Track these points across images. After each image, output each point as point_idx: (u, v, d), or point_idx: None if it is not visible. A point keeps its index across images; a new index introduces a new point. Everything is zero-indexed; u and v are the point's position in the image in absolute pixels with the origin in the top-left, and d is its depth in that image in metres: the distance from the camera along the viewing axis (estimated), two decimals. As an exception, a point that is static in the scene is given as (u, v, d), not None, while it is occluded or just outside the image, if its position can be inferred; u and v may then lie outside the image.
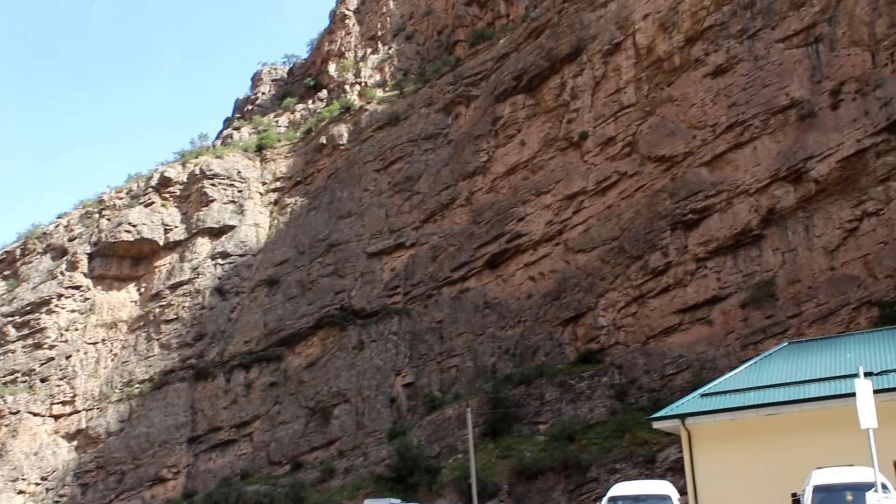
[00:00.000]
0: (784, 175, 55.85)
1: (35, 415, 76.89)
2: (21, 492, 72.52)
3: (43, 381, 78.79)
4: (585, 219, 66.14)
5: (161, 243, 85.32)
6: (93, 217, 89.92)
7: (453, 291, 71.66)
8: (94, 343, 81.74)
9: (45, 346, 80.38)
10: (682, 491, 29.65)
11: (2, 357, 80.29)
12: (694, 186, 59.93)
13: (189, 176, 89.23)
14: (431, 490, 52.22)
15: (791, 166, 55.56)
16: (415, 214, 77.57)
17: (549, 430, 54.92)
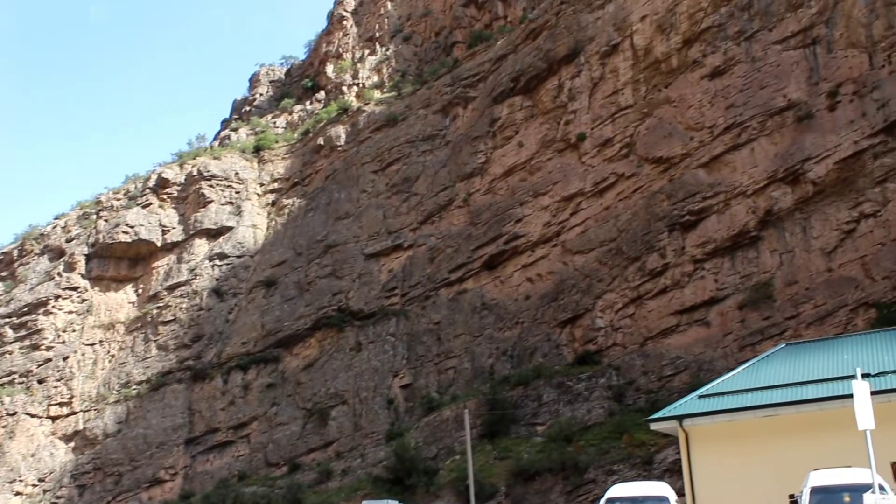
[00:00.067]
0: (781, 176, 55.89)
1: (32, 416, 76.80)
2: (18, 493, 72.43)
3: (40, 382, 78.73)
4: (583, 220, 66.15)
5: (158, 244, 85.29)
6: (90, 218, 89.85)
7: (451, 293, 71.64)
8: (92, 344, 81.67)
9: (43, 347, 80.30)
10: (680, 492, 29.67)
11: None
12: (691, 188, 59.96)
13: (187, 177, 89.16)
14: (429, 491, 52.22)
15: (788, 168, 55.61)
16: (412, 216, 77.53)
17: (547, 431, 54.92)
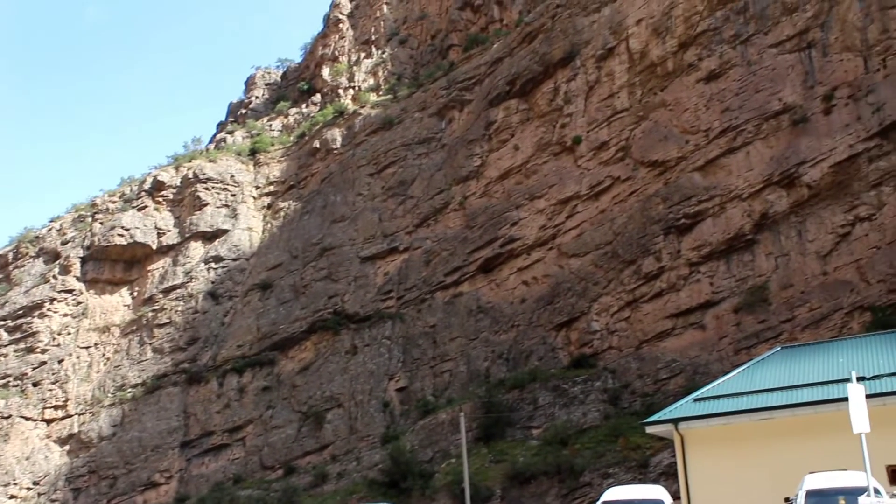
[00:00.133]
0: (777, 180, 55.99)
1: (27, 419, 76.65)
2: (13, 497, 72.24)
3: (35, 385, 78.55)
4: (579, 223, 66.19)
5: (154, 247, 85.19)
6: (86, 221, 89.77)
7: (447, 296, 71.62)
8: (87, 347, 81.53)
9: (38, 350, 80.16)
10: (676, 495, 29.68)
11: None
12: (687, 191, 60.03)
13: (182, 180, 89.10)
14: (425, 495, 52.19)
15: (784, 171, 55.70)
16: (408, 219, 77.51)
17: (543, 434, 54.89)
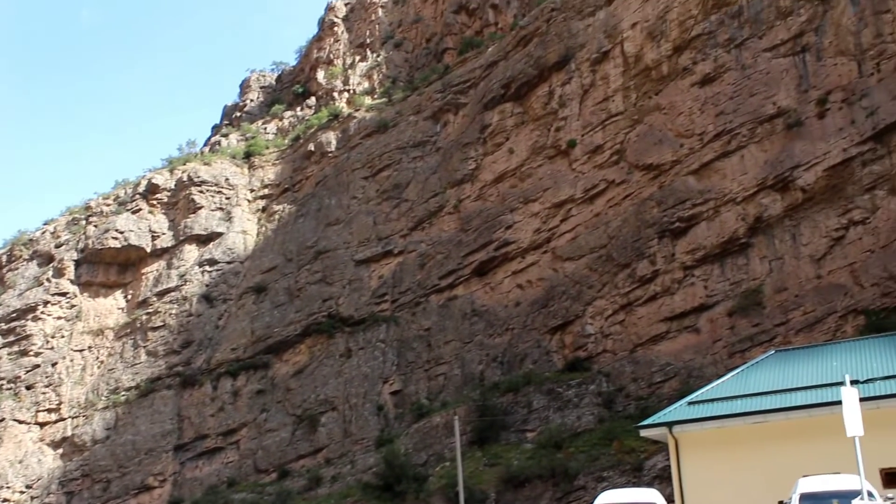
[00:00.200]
0: (771, 184, 56.10)
1: (20, 422, 76.37)
2: (6, 500, 71.98)
3: (28, 388, 78.29)
4: (573, 227, 66.25)
5: (148, 250, 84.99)
6: (80, 223, 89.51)
7: (441, 299, 71.61)
8: (81, 350, 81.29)
9: (31, 353, 79.91)
10: (670, 499, 29.65)
11: (-13, 364, 79.85)
12: (681, 195, 60.12)
13: (177, 182, 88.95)
14: (419, 498, 52.10)
15: (778, 175, 55.81)
16: (403, 222, 77.50)
17: (537, 437, 54.88)
